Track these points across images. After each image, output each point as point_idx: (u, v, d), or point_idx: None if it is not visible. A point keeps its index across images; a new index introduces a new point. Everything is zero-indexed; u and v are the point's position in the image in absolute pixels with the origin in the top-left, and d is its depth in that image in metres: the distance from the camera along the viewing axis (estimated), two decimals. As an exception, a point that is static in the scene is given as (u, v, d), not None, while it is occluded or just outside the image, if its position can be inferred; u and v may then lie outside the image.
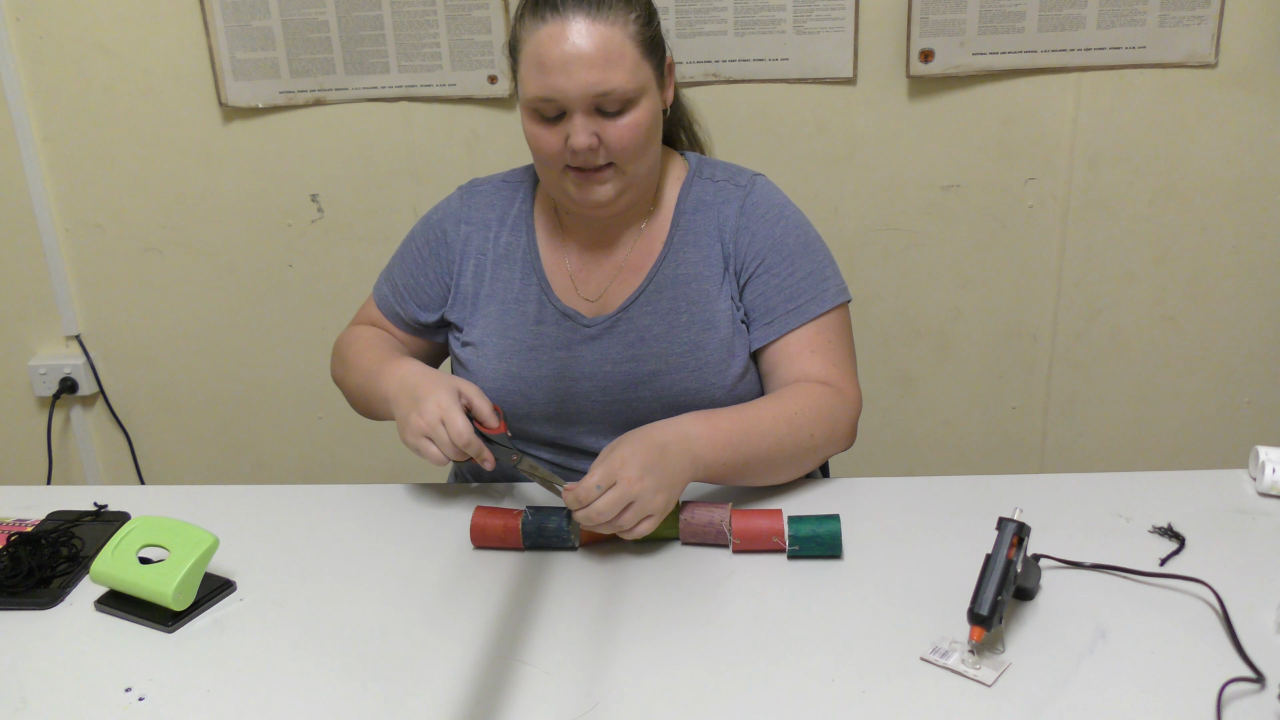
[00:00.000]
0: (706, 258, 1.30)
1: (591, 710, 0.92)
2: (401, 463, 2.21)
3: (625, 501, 1.06)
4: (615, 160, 1.21)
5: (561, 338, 1.30)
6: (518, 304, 1.32)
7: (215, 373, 2.21)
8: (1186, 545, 1.11)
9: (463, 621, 1.05)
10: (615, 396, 1.29)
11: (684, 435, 1.15)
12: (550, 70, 1.16)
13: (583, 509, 1.07)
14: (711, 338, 1.28)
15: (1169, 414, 2.14)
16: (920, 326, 2.09)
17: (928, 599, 1.04)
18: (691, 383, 1.27)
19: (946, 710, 0.91)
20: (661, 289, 1.29)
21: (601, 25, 1.16)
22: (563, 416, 1.31)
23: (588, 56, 1.15)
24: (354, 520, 1.24)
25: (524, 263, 1.32)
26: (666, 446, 1.12)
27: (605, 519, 1.07)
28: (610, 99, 1.17)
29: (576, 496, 1.08)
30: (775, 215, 1.31)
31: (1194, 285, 2.05)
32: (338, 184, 2.06)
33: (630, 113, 1.19)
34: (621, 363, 1.29)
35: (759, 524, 1.12)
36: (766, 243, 1.29)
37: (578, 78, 1.15)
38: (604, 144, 1.19)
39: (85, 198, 2.09)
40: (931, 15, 1.87)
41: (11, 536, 1.17)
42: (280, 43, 1.95)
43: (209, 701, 0.96)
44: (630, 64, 1.17)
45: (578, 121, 1.17)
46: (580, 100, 1.16)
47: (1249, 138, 1.94)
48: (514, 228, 1.34)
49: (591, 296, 1.31)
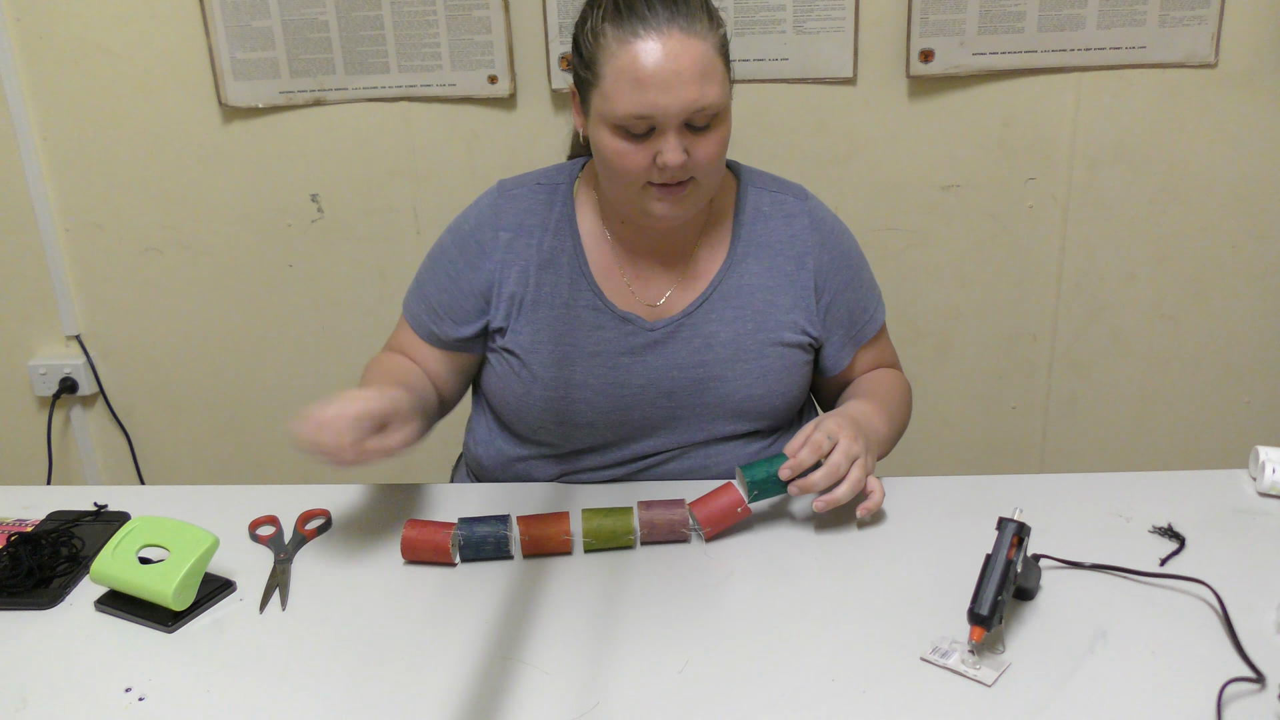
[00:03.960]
0: (770, 269, 1.30)
1: (591, 710, 0.92)
2: (401, 463, 2.20)
3: (853, 456, 1.14)
4: (697, 174, 1.18)
5: (623, 343, 1.28)
6: (568, 308, 1.28)
7: (215, 372, 2.21)
8: (1186, 545, 1.11)
9: (463, 621, 1.05)
10: (679, 401, 1.29)
11: (865, 413, 1.24)
12: (648, 87, 1.12)
13: (806, 466, 1.13)
14: (776, 348, 1.29)
15: (1169, 414, 2.14)
16: (920, 326, 2.09)
17: (928, 599, 1.04)
18: (756, 389, 1.28)
19: (946, 710, 0.91)
20: (727, 297, 1.29)
21: (695, 39, 1.13)
22: (622, 423, 1.30)
23: (686, 72, 1.12)
24: (354, 520, 1.24)
25: (570, 267, 1.29)
26: (860, 420, 1.21)
27: (841, 469, 1.13)
28: (704, 114, 1.14)
29: (807, 454, 1.13)
30: (840, 230, 1.35)
31: (1194, 285, 2.05)
32: (338, 184, 2.06)
33: (718, 127, 1.17)
34: (687, 368, 1.28)
35: (720, 504, 1.16)
36: (841, 259, 1.33)
37: (679, 94, 1.12)
38: (691, 159, 1.16)
39: (85, 198, 2.09)
40: (931, 15, 1.87)
41: (11, 536, 1.17)
42: (280, 43, 1.95)
43: (209, 701, 0.96)
44: (720, 77, 1.16)
45: (671, 139, 1.14)
46: (678, 117, 1.13)
47: (1249, 138, 1.94)
48: (557, 231, 1.30)
49: (651, 301, 1.29)
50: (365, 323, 2.15)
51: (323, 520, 1.23)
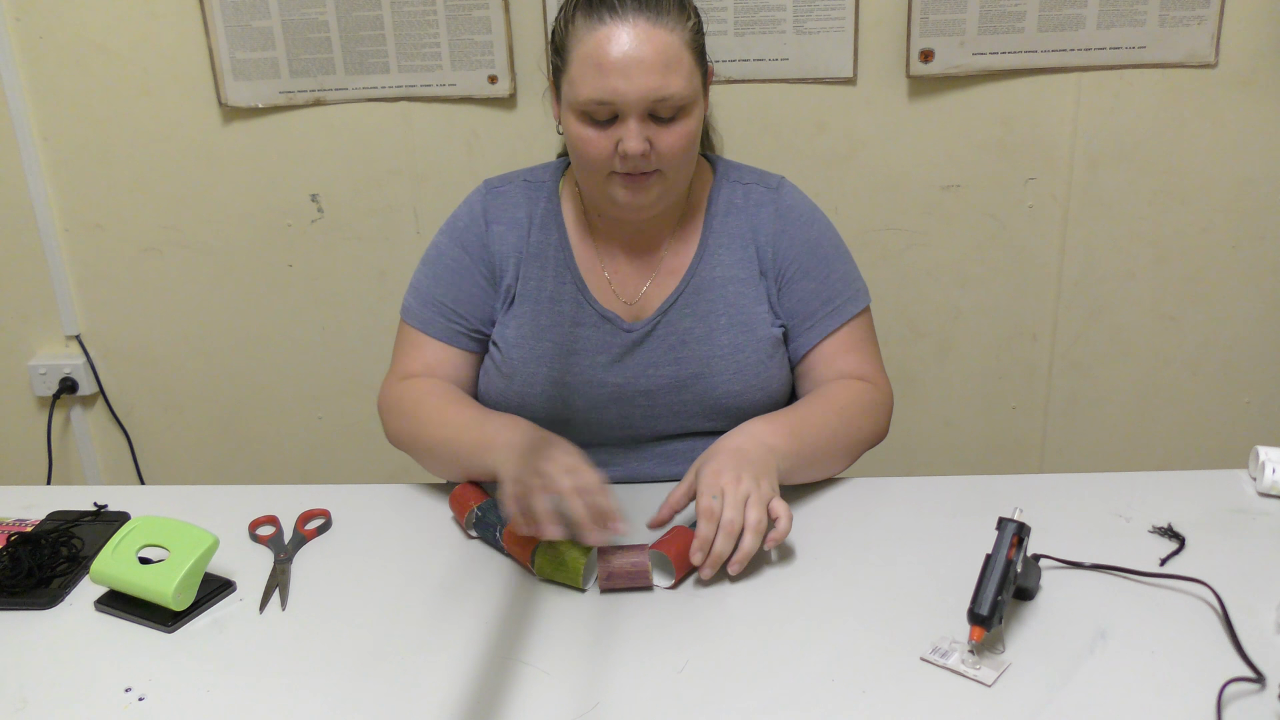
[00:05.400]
0: (740, 260, 1.30)
1: (591, 710, 0.92)
2: (402, 463, 2.20)
3: (742, 499, 1.07)
4: (663, 166, 1.19)
5: (601, 341, 1.29)
6: (552, 303, 1.30)
7: (215, 373, 2.21)
8: (1186, 545, 1.11)
9: (463, 621, 1.05)
10: (657, 400, 1.29)
11: (751, 434, 1.17)
12: (609, 73, 1.14)
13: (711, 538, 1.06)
14: (750, 339, 1.29)
15: (1169, 414, 2.14)
16: (920, 326, 2.09)
17: (928, 599, 1.04)
18: (733, 385, 1.28)
19: (946, 710, 0.91)
20: (699, 291, 1.29)
21: (662, 30, 1.15)
22: (602, 422, 1.30)
23: (649, 61, 1.14)
24: (354, 520, 1.24)
25: (556, 261, 1.30)
26: (742, 448, 1.14)
27: (737, 524, 1.06)
28: (666, 105, 1.16)
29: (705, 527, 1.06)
30: (808, 219, 1.33)
31: (1194, 285, 2.05)
32: (338, 184, 2.06)
33: (683, 120, 1.18)
34: (663, 366, 1.29)
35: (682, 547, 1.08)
36: (803, 247, 1.31)
37: (638, 82, 1.14)
38: (655, 149, 1.17)
39: (85, 198, 2.09)
40: (931, 15, 1.87)
41: (11, 536, 1.17)
42: (280, 43, 1.95)
43: (209, 701, 0.96)
44: (686, 70, 1.17)
45: (632, 126, 1.16)
46: (638, 104, 1.15)
47: (1249, 138, 1.94)
48: (543, 225, 1.32)
49: (628, 299, 1.31)
50: (365, 323, 2.15)
51: (323, 520, 1.23)
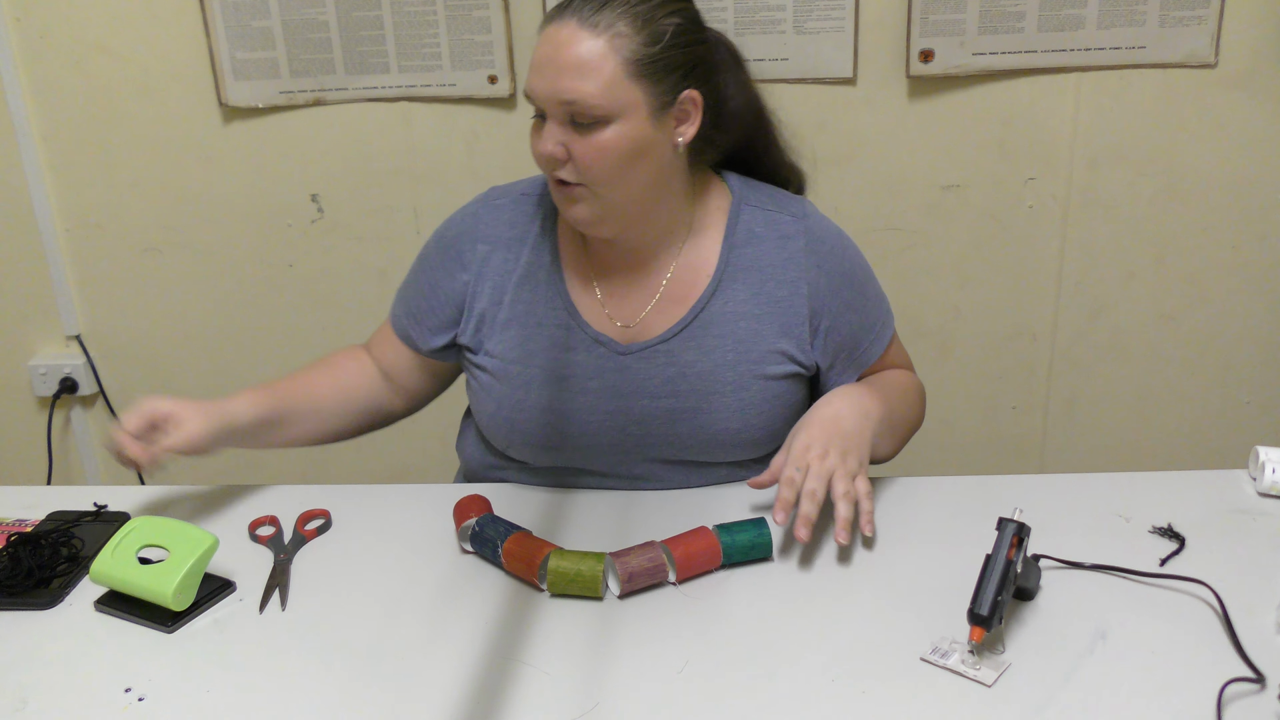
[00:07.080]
0: (758, 295, 1.24)
1: (591, 710, 0.92)
2: (401, 463, 2.21)
3: (826, 474, 1.11)
4: (585, 180, 1.14)
5: (594, 366, 1.25)
6: (540, 328, 1.25)
7: (215, 373, 2.21)
8: (1186, 545, 1.11)
9: (463, 622, 1.05)
10: (652, 430, 1.25)
11: (849, 398, 1.19)
12: (533, 70, 1.14)
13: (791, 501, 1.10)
14: (756, 379, 1.24)
15: (1169, 414, 2.14)
16: (920, 326, 2.09)
17: (928, 599, 1.04)
18: (732, 422, 1.24)
19: (946, 710, 0.91)
20: (708, 325, 1.24)
21: (587, 33, 1.11)
22: (596, 447, 1.26)
23: (560, 62, 1.11)
24: (354, 520, 1.24)
25: (547, 284, 1.26)
26: (839, 415, 1.17)
27: (820, 495, 1.10)
28: (577, 109, 1.11)
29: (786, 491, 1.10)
30: (840, 247, 1.29)
31: (1194, 285, 2.05)
32: (338, 184, 2.06)
33: (600, 131, 1.12)
34: (661, 398, 1.24)
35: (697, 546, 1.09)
36: (841, 280, 1.27)
37: (550, 81, 1.12)
38: (572, 158, 1.14)
39: (85, 198, 2.09)
40: (931, 15, 1.87)
41: (11, 536, 1.17)
42: (280, 43, 1.95)
43: (209, 701, 0.96)
44: (605, 79, 1.10)
45: (548, 127, 1.14)
46: (547, 103, 1.13)
47: (1249, 138, 1.94)
48: (536, 245, 1.27)
49: (624, 321, 1.25)
50: (365, 323, 2.13)
51: (323, 520, 1.23)
